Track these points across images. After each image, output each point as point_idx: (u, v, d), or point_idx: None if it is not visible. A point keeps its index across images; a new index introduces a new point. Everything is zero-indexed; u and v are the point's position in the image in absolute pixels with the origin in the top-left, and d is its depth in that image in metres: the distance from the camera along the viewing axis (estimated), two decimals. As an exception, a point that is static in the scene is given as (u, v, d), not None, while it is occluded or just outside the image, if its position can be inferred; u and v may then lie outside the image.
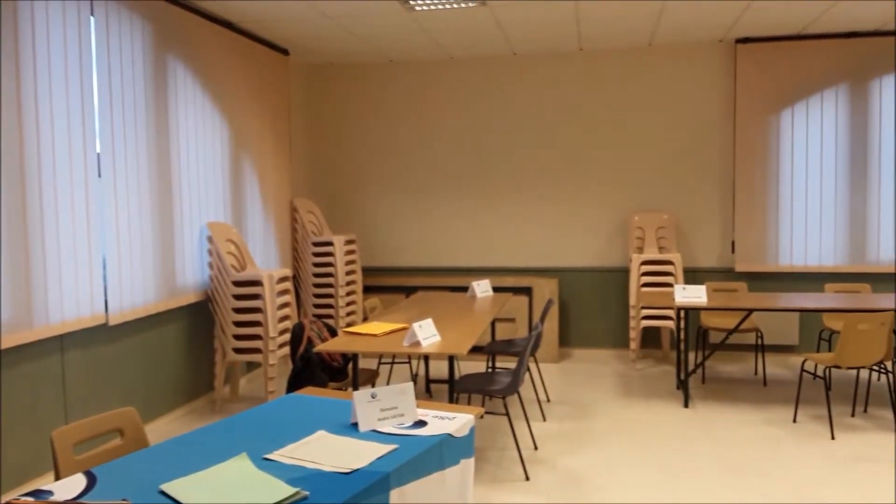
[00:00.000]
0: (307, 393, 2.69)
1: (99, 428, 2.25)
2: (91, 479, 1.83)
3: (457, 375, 5.58)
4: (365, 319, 4.42)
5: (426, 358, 5.44)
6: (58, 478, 2.06)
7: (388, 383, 4.38)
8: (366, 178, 6.96)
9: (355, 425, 2.21)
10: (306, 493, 1.72)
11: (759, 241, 6.20)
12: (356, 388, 3.53)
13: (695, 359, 5.92)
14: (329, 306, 6.14)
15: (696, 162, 6.35)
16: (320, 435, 2.14)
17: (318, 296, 6.18)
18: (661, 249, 6.24)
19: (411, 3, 4.77)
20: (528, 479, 3.68)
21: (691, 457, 3.97)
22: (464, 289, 6.25)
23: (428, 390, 5.32)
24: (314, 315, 6.11)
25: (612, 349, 6.61)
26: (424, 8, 4.90)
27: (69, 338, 3.84)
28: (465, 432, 2.28)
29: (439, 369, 6.00)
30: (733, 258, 6.28)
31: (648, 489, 3.53)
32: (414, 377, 5.60)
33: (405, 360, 6.08)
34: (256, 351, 4.89)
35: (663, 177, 6.42)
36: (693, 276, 6.36)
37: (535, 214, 6.67)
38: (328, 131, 7.01)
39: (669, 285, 5.87)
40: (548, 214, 6.65)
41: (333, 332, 4.30)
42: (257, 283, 4.80)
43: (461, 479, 2.26)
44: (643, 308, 5.96)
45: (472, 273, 6.77)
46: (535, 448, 4.14)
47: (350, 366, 4.19)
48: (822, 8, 5.11)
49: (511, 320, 6.37)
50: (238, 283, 4.86)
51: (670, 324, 5.93)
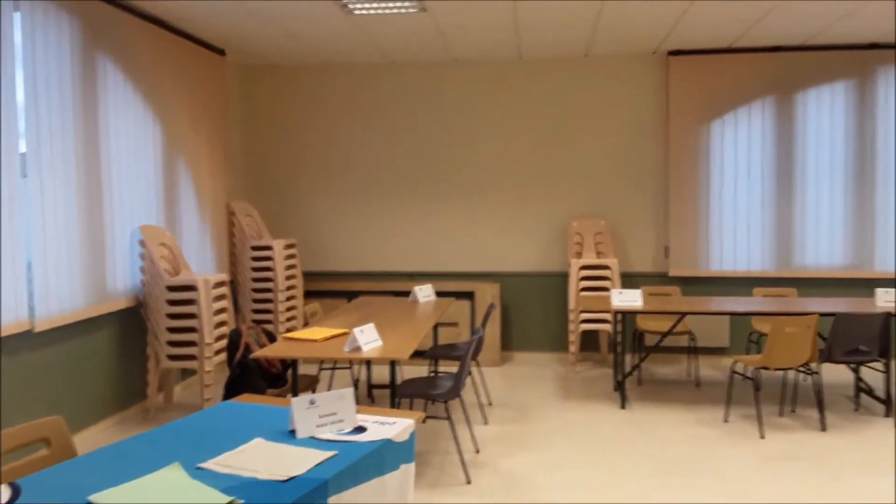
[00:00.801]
0: (244, 400, 2.62)
1: (24, 438, 2.14)
2: (15, 491, 1.75)
3: (399, 380, 5.55)
4: (305, 325, 4.35)
5: (368, 363, 5.40)
6: (-25, 493, 1.95)
7: (329, 389, 4.33)
8: (307, 181, 6.87)
9: (293, 432, 2.17)
10: (241, 501, 1.68)
11: (692, 247, 6.40)
12: (295, 395, 3.47)
13: (631, 361, 6.06)
14: (268, 311, 6.02)
15: (632, 170, 6.52)
16: (257, 442, 2.10)
17: (257, 301, 6.05)
18: (598, 255, 6.37)
19: (350, 6, 4.75)
20: (469, 482, 3.69)
21: (627, 457, 4.05)
22: (406, 293, 6.23)
23: (370, 395, 5.28)
24: (253, 321, 5.99)
25: (552, 352, 6.70)
26: (363, 12, 4.88)
27: (-11, 346, 3.65)
28: (405, 437, 2.27)
29: (382, 374, 5.96)
30: (667, 263, 6.47)
31: (586, 489, 3.59)
32: (355, 382, 5.55)
33: (347, 365, 6.01)
34: (191, 357, 4.75)
35: (601, 184, 6.56)
36: (629, 280, 6.52)
37: (476, 220, 6.72)
38: (267, 133, 6.89)
39: (607, 289, 6.00)
40: (489, 220, 6.71)
41: (272, 338, 4.22)
42: (192, 287, 4.67)
43: (401, 484, 2.25)
44: (582, 312, 6.07)
45: (414, 278, 6.76)
46: (477, 451, 4.16)
47: (289, 372, 4.12)
48: (749, 23, 5.33)
49: (454, 325, 6.39)
50: (172, 289, 4.72)
51: (608, 327, 6.06)
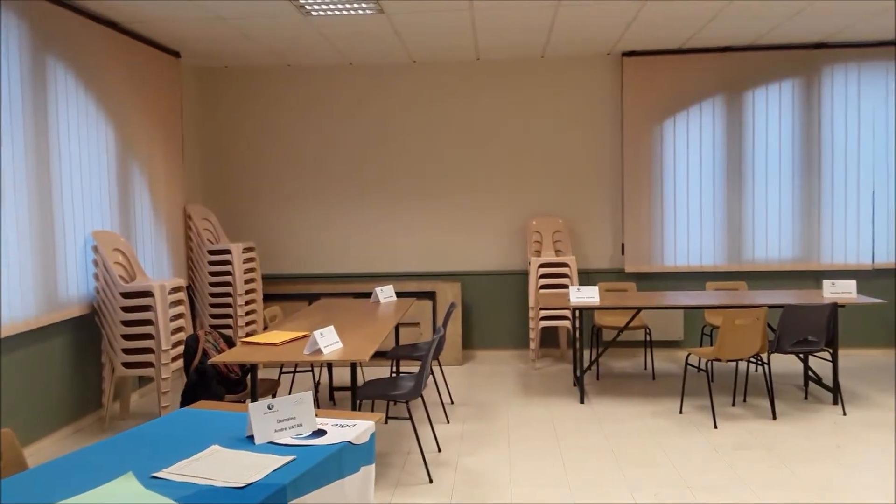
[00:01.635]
0: (201, 407, 2.61)
1: (-31, 455, 2.10)
2: (-41, 510, 1.71)
3: (361, 382, 5.55)
4: (265, 329, 4.33)
5: (329, 366, 5.39)
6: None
7: (290, 393, 4.31)
8: (265, 184, 6.82)
9: (251, 438, 2.17)
10: (198, 510, 1.68)
11: (647, 244, 6.54)
12: (255, 400, 3.46)
13: (590, 356, 6.16)
14: (227, 316, 5.96)
15: (589, 169, 6.62)
16: (213, 450, 2.09)
17: (215, 306, 5.99)
18: (557, 252, 6.46)
19: (307, 7, 4.73)
20: (431, 481, 3.72)
21: (586, 450, 4.13)
22: (367, 295, 6.24)
23: (332, 398, 5.27)
24: (211, 326, 5.92)
25: (513, 350, 6.77)
26: (321, 13, 4.87)
27: (-65, 358, 3.55)
28: (365, 439, 2.29)
29: (343, 376, 5.95)
30: (623, 260, 6.60)
31: (546, 484, 3.66)
32: (316, 385, 5.53)
33: (308, 368, 5.99)
34: (148, 365, 4.69)
35: (558, 183, 6.65)
36: (587, 277, 6.63)
37: (437, 220, 6.75)
38: (224, 136, 6.82)
39: (566, 287, 6.09)
40: (450, 220, 6.74)
41: (231, 343, 4.19)
42: (147, 294, 4.60)
43: (361, 486, 2.27)
44: (541, 309, 6.15)
45: (375, 279, 6.76)
46: (439, 450, 4.19)
47: (248, 377, 4.10)
48: (700, 24, 5.46)
49: (415, 325, 6.41)
50: (127, 295, 4.64)
51: (567, 323, 6.15)
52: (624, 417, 4.74)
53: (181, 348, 4.78)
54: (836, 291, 5.09)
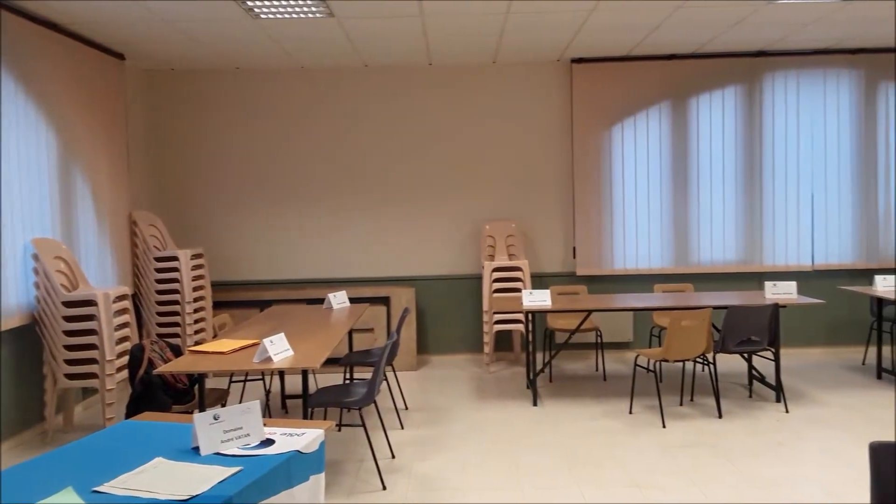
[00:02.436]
0: (146, 418, 2.55)
1: None
2: None
3: (313, 389, 5.49)
4: (214, 337, 4.25)
5: (281, 374, 5.32)
6: None
7: (240, 402, 4.24)
8: (214, 190, 6.70)
9: (196, 449, 2.13)
10: (140, 524, 1.64)
11: (597, 247, 6.65)
12: (202, 410, 3.39)
13: (543, 359, 6.23)
14: (175, 325, 5.83)
15: (540, 173, 6.71)
16: (157, 462, 2.05)
17: (162, 314, 5.85)
18: (510, 257, 6.52)
19: (255, 10, 4.68)
20: (384, 488, 3.71)
21: (538, 452, 4.17)
22: (320, 301, 6.18)
23: (283, 406, 5.20)
24: (158, 335, 5.79)
25: (467, 354, 6.80)
26: (270, 16, 4.82)
27: None
28: (314, 447, 2.27)
29: (296, 384, 5.88)
30: (575, 263, 6.69)
31: (499, 487, 3.68)
32: (267, 394, 5.45)
33: (259, 377, 5.90)
34: (92, 376, 4.55)
35: (512, 188, 6.72)
36: (540, 280, 6.70)
37: (390, 225, 6.74)
38: (171, 140, 6.68)
39: (519, 290, 6.14)
40: (403, 225, 6.74)
41: (178, 352, 4.10)
42: (91, 302, 4.47)
43: (311, 495, 2.25)
44: (495, 313, 6.19)
45: (328, 285, 6.71)
46: (393, 456, 4.18)
47: (196, 387, 4.01)
48: (645, 32, 5.59)
49: (370, 330, 6.38)
50: (69, 304, 4.50)
51: (520, 327, 6.20)
52: (576, 418, 4.81)
53: (126, 358, 4.65)
54: (778, 292, 5.26)
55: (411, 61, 6.46)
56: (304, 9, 4.66)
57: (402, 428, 4.73)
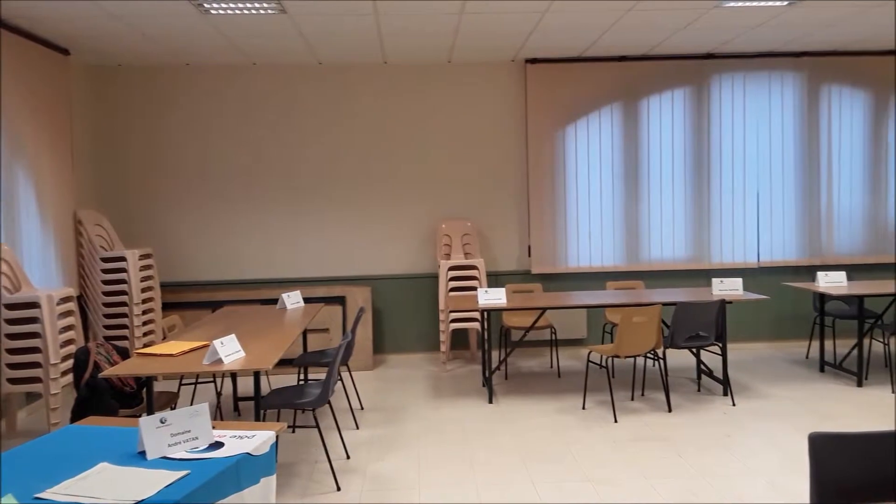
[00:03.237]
0: (91, 423, 2.49)
1: None
2: None
3: (267, 391, 5.43)
4: (164, 339, 4.16)
5: (233, 376, 5.24)
6: None
7: (191, 405, 4.16)
8: (164, 188, 6.56)
9: (143, 454, 2.09)
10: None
11: (552, 245, 6.73)
12: (151, 413, 3.32)
13: (498, 357, 6.27)
14: (123, 327, 5.69)
15: (496, 173, 6.75)
16: (102, 467, 2.00)
17: (109, 316, 5.70)
18: (466, 255, 6.55)
19: (205, 5, 4.59)
20: (339, 489, 3.69)
21: (493, 449, 4.21)
22: (274, 301, 6.11)
23: (236, 409, 5.13)
24: (105, 337, 5.64)
25: (424, 353, 6.80)
26: (220, 12, 4.74)
27: None
28: (265, 450, 2.24)
29: (249, 386, 5.80)
30: (530, 261, 6.76)
31: (454, 485, 3.70)
32: (219, 396, 5.37)
33: (210, 379, 5.80)
34: (35, 380, 4.41)
35: (468, 187, 6.74)
36: (495, 279, 6.75)
37: (346, 224, 6.70)
38: (119, 137, 6.51)
39: (475, 289, 6.17)
40: (359, 224, 6.70)
41: (125, 355, 4.00)
42: (34, 305, 4.33)
43: (261, 497, 2.22)
44: (451, 312, 6.20)
45: (283, 285, 6.63)
46: (348, 457, 4.16)
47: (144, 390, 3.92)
48: (597, 34, 5.68)
49: (325, 331, 6.33)
50: (11, 307, 4.35)
51: (476, 325, 6.24)
52: (530, 415, 4.86)
53: (71, 362, 4.52)
54: (725, 289, 5.40)
55: (366, 59, 6.43)
56: (256, 4, 4.59)
57: (358, 428, 4.71)
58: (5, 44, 4.89)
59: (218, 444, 2.19)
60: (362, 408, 5.17)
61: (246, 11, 4.73)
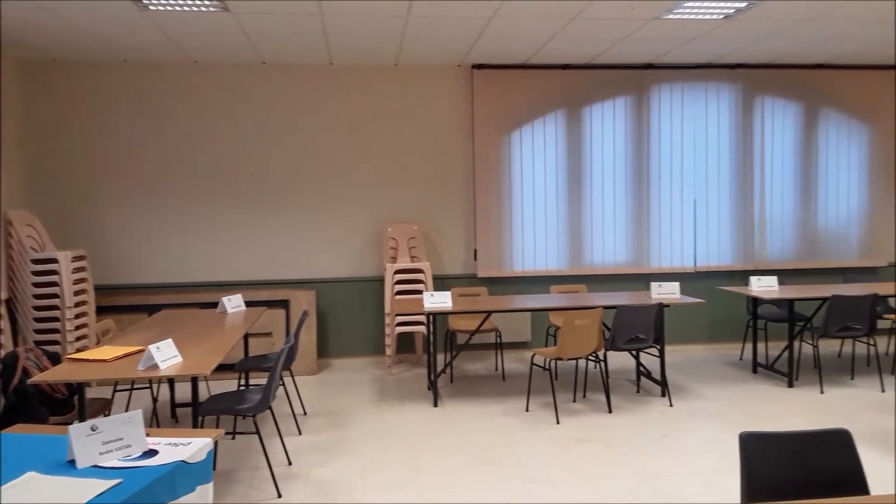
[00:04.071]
0: (19, 431, 2.38)
1: None
2: None
3: (205, 397, 5.30)
4: (98, 344, 4.01)
5: (171, 381, 5.09)
6: None
7: (126, 411, 4.02)
8: (98, 188, 6.33)
9: (73, 462, 2.01)
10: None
11: (497, 249, 6.79)
12: (83, 421, 3.20)
13: (444, 360, 6.28)
14: (55, 331, 5.47)
15: (443, 176, 6.77)
16: (29, 476, 1.91)
17: (40, 320, 5.47)
18: (412, 259, 6.54)
19: (143, 1, 4.46)
20: (280, 495, 3.63)
21: (438, 452, 4.21)
22: (214, 305, 5.97)
23: (174, 415, 4.98)
24: (36, 342, 5.40)
25: (370, 356, 6.75)
26: (159, 7, 4.61)
27: None
28: (201, 457, 2.19)
29: (187, 392, 5.64)
30: (476, 265, 6.80)
31: (398, 489, 3.68)
32: (155, 402, 5.21)
33: (146, 385, 5.63)
34: (-42, 388, 4.19)
35: (414, 190, 6.74)
36: (442, 282, 6.76)
37: (290, 226, 6.60)
38: (51, 135, 6.26)
39: (421, 292, 6.17)
40: (304, 226, 6.62)
41: (56, 360, 3.85)
42: (-43, 309, 4.12)
43: (199, 505, 2.16)
44: (397, 315, 6.19)
45: (224, 288, 6.49)
46: (290, 463, 4.09)
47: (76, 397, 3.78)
48: (541, 42, 5.76)
49: (268, 335, 6.22)
50: (-69, 311, 4.13)
51: (422, 328, 6.23)
52: (475, 417, 4.88)
53: (-2, 368, 4.31)
54: (663, 292, 5.55)
55: (312, 60, 6.37)
56: (197, 1, 4.49)
57: (300, 434, 4.64)
58: (-73, 34, 4.65)
59: (152, 452, 2.12)
60: (305, 413, 5.10)
61: (186, 8, 4.62)
